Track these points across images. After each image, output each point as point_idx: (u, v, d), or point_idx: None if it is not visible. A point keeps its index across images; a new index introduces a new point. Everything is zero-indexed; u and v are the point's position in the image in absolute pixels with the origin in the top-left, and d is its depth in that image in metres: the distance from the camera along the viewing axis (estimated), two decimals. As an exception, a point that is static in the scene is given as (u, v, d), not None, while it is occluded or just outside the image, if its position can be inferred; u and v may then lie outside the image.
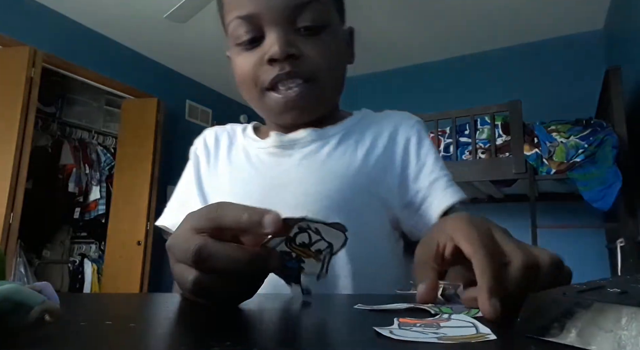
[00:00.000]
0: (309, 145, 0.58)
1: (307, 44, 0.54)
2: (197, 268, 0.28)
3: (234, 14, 0.55)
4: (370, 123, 0.62)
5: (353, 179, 0.55)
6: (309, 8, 0.54)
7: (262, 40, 0.55)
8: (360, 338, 0.22)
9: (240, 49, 0.57)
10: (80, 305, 0.33)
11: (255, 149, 0.62)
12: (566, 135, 2.32)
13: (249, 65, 0.56)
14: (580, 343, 0.18)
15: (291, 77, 0.54)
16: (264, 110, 0.59)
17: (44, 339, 0.20)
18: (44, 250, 3.73)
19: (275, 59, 0.53)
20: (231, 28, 0.56)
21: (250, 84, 0.57)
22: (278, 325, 0.26)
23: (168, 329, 0.23)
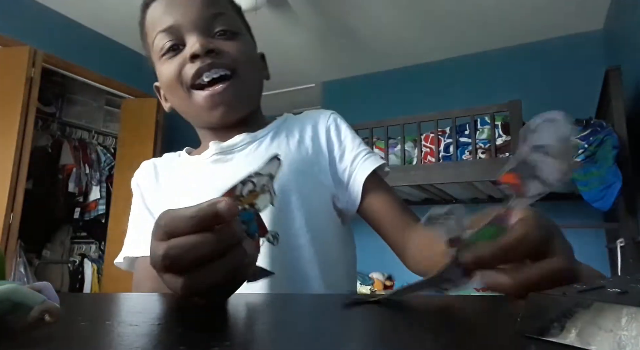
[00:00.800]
0: (246, 147, 0.64)
1: (223, 43, 0.61)
2: (176, 270, 0.30)
3: (156, 30, 0.62)
4: (294, 122, 0.69)
5: (292, 165, 0.61)
6: (221, 18, 0.62)
7: (183, 48, 0.61)
8: (360, 335, 0.22)
9: (165, 59, 0.62)
10: (80, 305, 0.33)
11: (195, 164, 0.67)
12: (566, 135, 2.31)
13: (173, 68, 0.61)
14: (580, 343, 0.18)
15: (213, 67, 0.59)
16: (194, 110, 0.62)
17: (44, 339, 0.20)
18: (44, 250, 3.73)
19: (197, 54, 0.58)
20: (155, 44, 0.62)
21: (176, 85, 0.61)
22: (278, 325, 0.26)
23: (168, 329, 0.23)
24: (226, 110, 0.61)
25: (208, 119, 0.63)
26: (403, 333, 0.23)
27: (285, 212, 0.58)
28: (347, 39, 3.56)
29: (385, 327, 0.26)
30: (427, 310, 0.31)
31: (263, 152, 0.63)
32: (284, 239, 0.56)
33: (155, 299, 0.38)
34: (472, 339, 0.22)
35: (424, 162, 2.72)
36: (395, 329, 0.25)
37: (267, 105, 3.22)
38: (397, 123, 2.81)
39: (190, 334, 0.22)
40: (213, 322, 0.26)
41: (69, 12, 3.20)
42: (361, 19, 3.28)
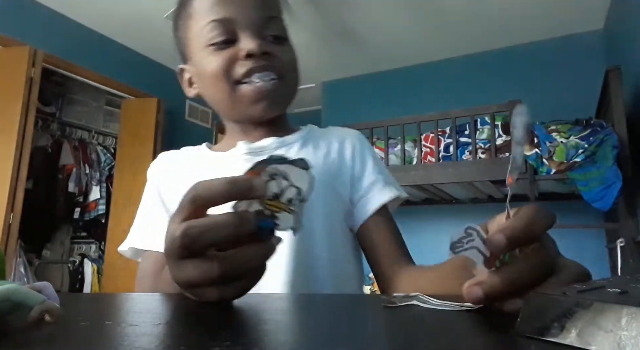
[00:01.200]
0: (275, 150, 0.65)
1: (275, 48, 0.61)
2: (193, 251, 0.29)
3: (208, 18, 0.60)
4: (320, 135, 0.71)
5: (321, 176, 0.63)
6: (275, 21, 0.63)
7: (234, 43, 0.60)
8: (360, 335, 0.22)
9: (213, 49, 0.61)
10: (80, 305, 0.33)
11: (223, 160, 0.67)
12: (566, 135, 2.32)
13: (222, 60, 0.60)
14: (580, 343, 0.18)
15: (266, 70, 0.60)
16: (234, 103, 0.63)
17: (44, 339, 0.20)
18: (44, 250, 3.73)
19: (252, 53, 0.58)
20: (205, 31, 0.61)
21: (221, 79, 0.60)
22: (278, 325, 0.26)
23: (168, 329, 0.23)
24: (269, 105, 0.62)
25: (248, 112, 0.63)
26: (402, 333, 0.23)
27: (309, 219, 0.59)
28: (347, 39, 3.56)
29: (384, 327, 0.26)
30: (427, 310, 0.31)
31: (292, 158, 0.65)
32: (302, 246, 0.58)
33: (155, 299, 0.38)
34: (472, 339, 0.22)
35: (424, 162, 2.72)
36: (395, 328, 0.25)
37: (267, 105, 3.11)
38: (397, 123, 2.81)
39: (190, 334, 0.22)
40: (213, 322, 0.26)
41: (69, 12, 3.20)
42: (361, 19, 3.28)
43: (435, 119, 2.70)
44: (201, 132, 4.46)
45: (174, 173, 0.69)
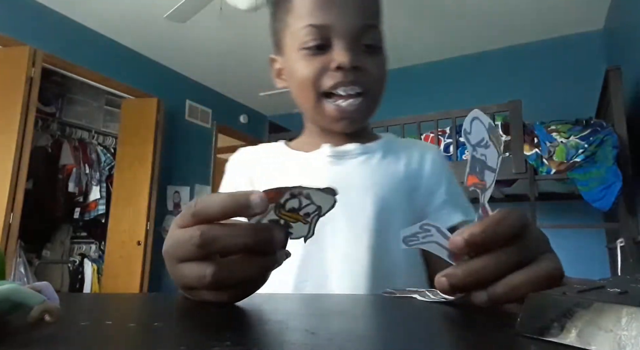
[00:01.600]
0: (358, 156, 0.66)
1: (367, 59, 0.61)
2: (206, 255, 0.29)
3: (306, 21, 0.60)
4: (401, 145, 0.71)
5: (399, 185, 0.64)
6: (371, 31, 0.61)
7: (327, 49, 0.60)
8: (359, 335, 0.22)
9: (305, 54, 0.61)
10: (80, 305, 0.33)
11: (306, 160, 0.68)
12: (566, 135, 2.32)
13: (312, 70, 0.60)
14: (580, 343, 0.18)
15: (352, 85, 0.59)
16: (318, 115, 0.64)
17: (44, 339, 0.20)
18: (44, 250, 3.73)
19: (342, 67, 0.58)
20: (300, 33, 0.60)
21: (309, 87, 0.61)
22: (278, 325, 0.26)
23: (168, 329, 0.23)
24: (349, 124, 0.63)
25: (330, 127, 0.65)
26: (402, 333, 0.23)
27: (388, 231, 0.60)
28: (347, 39, 3.56)
29: (382, 326, 0.26)
30: (427, 309, 0.31)
31: (375, 165, 0.66)
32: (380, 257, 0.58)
33: (156, 299, 0.38)
34: (472, 339, 0.22)
35: (424, 162, 2.72)
36: (394, 328, 0.25)
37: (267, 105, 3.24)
38: (397, 123, 2.81)
39: (190, 334, 0.22)
40: (213, 322, 0.26)
41: (69, 12, 3.20)
42: (361, 19, 3.28)
43: (435, 119, 2.70)
44: (201, 132, 4.46)
45: (262, 167, 0.70)
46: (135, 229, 3.43)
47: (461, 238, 0.27)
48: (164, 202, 3.91)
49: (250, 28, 3.31)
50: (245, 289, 0.31)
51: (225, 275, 0.29)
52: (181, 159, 4.13)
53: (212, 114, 4.59)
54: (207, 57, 3.93)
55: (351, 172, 0.64)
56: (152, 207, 3.50)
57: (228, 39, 3.54)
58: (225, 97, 4.82)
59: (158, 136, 3.62)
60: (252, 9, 2.62)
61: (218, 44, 3.66)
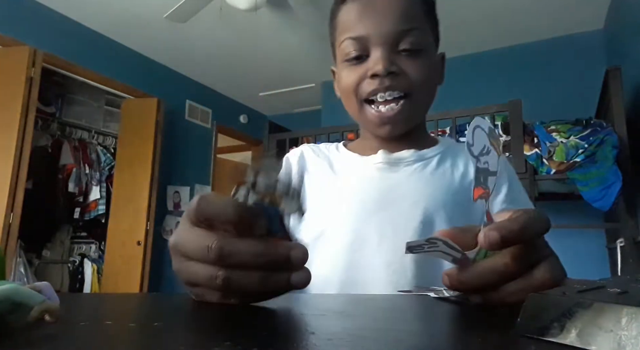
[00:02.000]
0: (413, 164, 0.66)
1: (406, 63, 0.62)
2: (220, 264, 0.28)
3: (346, 35, 0.63)
4: (458, 151, 0.70)
5: (453, 197, 0.63)
6: (411, 34, 0.62)
7: (367, 58, 0.63)
8: (357, 334, 0.22)
9: (347, 65, 0.64)
10: (80, 305, 0.33)
11: (360, 165, 0.68)
12: (566, 135, 2.32)
13: (352, 79, 0.63)
14: (580, 343, 0.18)
15: (389, 90, 0.61)
16: (362, 121, 0.67)
17: (44, 339, 0.20)
18: (44, 250, 3.73)
19: (377, 74, 0.60)
20: (342, 46, 0.64)
21: (351, 95, 0.64)
22: (278, 325, 0.26)
23: (168, 329, 0.23)
24: (392, 129, 0.64)
25: (374, 132, 0.67)
26: (402, 333, 0.23)
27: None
28: (347, 39, 3.56)
29: (383, 327, 0.26)
30: (427, 309, 0.31)
31: (428, 174, 0.65)
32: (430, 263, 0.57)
33: (156, 299, 0.38)
34: (472, 338, 0.22)
35: (424, 162, 2.72)
36: (394, 328, 0.25)
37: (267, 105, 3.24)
38: (397, 123, 2.81)
39: (190, 334, 0.22)
40: (213, 322, 0.26)
41: (69, 12, 3.20)
42: (361, 19, 3.28)
43: (435, 119, 2.70)
44: (201, 132, 4.46)
45: (316, 166, 0.71)
46: (135, 229, 3.43)
47: (497, 233, 0.27)
48: (164, 202, 3.91)
49: (250, 28, 3.31)
50: (256, 299, 0.31)
51: (236, 285, 0.28)
52: (181, 159, 4.13)
53: (212, 114, 4.59)
54: (207, 57, 3.93)
55: (403, 182, 0.64)
56: (152, 207, 3.50)
57: (228, 39, 3.54)
58: (225, 97, 4.82)
59: (158, 136, 3.62)
60: (252, 9, 2.62)
61: (218, 44, 3.66)
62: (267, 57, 3.81)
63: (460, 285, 0.29)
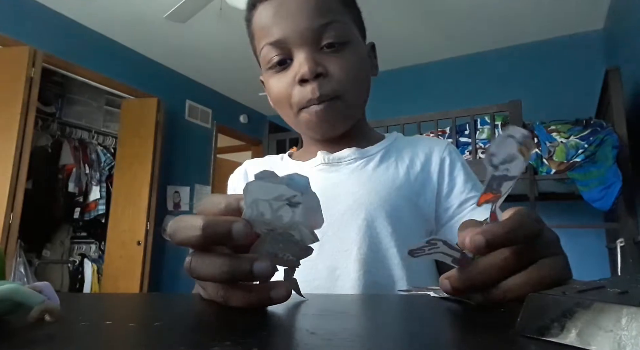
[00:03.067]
0: (354, 162, 0.64)
1: (331, 61, 0.58)
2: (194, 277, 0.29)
3: (264, 42, 0.60)
4: (405, 145, 0.68)
5: (398, 191, 0.60)
6: (331, 27, 0.58)
7: (291, 63, 0.59)
8: (357, 334, 0.22)
9: (273, 72, 0.61)
10: (80, 305, 0.33)
11: (302, 170, 0.65)
12: (566, 135, 2.32)
13: (282, 87, 0.60)
14: (580, 343, 0.18)
15: (321, 99, 0.58)
16: (300, 127, 0.64)
17: (44, 339, 0.20)
18: (44, 250, 3.73)
19: (304, 79, 0.57)
20: (263, 54, 0.61)
21: (285, 104, 0.61)
22: (278, 325, 0.26)
23: (168, 328, 0.23)
24: (328, 128, 0.62)
25: (314, 135, 0.65)
26: (402, 333, 0.23)
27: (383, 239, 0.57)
28: (347, 39, 3.56)
29: (383, 327, 0.26)
30: (427, 309, 0.31)
31: (370, 171, 0.63)
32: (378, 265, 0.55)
33: (156, 299, 0.38)
34: (472, 339, 0.22)
35: (424, 162, 2.72)
36: (394, 328, 0.25)
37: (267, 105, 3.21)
38: (397, 123, 2.81)
39: (190, 334, 0.22)
40: (213, 322, 0.26)
41: (69, 12, 3.20)
42: (361, 19, 3.28)
43: (435, 119, 2.70)
44: (201, 132, 4.46)
45: None
46: (135, 229, 3.43)
47: (483, 238, 0.27)
48: (164, 202, 3.91)
49: (250, 28, 3.31)
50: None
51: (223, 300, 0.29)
52: (181, 159, 4.13)
53: (212, 114, 4.59)
54: (207, 57, 3.93)
55: (343, 181, 0.62)
56: (152, 207, 3.50)
57: (228, 39, 3.54)
58: (225, 97, 4.82)
59: (158, 136, 3.62)
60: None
61: (218, 44, 3.66)
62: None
63: (461, 284, 0.29)
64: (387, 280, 0.56)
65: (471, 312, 0.28)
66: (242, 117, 5.03)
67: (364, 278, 0.54)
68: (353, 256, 0.55)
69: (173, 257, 3.84)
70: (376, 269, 0.55)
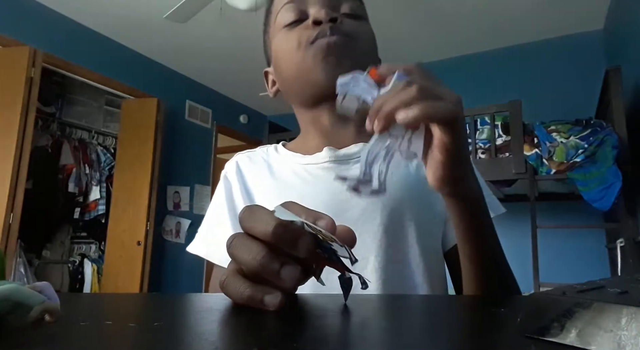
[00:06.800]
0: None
1: (348, 22, 0.58)
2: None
3: (282, 3, 0.60)
4: None
5: (411, 192, 0.57)
6: (349, 0, 0.60)
7: (306, 21, 0.58)
8: (356, 334, 0.22)
9: (286, 30, 0.60)
10: (80, 305, 0.33)
11: (301, 165, 0.62)
12: (566, 135, 2.32)
13: (293, 35, 0.58)
14: (580, 343, 0.18)
15: (334, 33, 0.56)
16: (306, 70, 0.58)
17: (44, 339, 0.20)
18: (44, 250, 3.73)
19: (319, 20, 0.56)
20: (279, 17, 0.60)
21: (294, 48, 0.58)
22: (278, 325, 0.26)
23: (168, 328, 0.23)
24: (337, 61, 0.56)
25: (320, 75, 0.57)
26: (402, 332, 0.23)
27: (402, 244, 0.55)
28: (347, 39, 3.56)
29: (383, 327, 0.26)
30: (427, 309, 0.31)
31: None
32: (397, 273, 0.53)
33: (156, 299, 0.38)
34: (472, 339, 0.22)
35: (424, 162, 2.72)
36: (394, 328, 0.25)
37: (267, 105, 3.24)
38: (397, 123, 2.81)
39: (190, 334, 0.22)
40: (213, 322, 0.26)
41: (69, 12, 3.20)
42: (361, 19, 3.28)
43: (435, 119, 2.69)
44: (201, 132, 4.46)
45: (256, 173, 0.65)
46: (135, 229, 3.43)
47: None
48: (164, 202, 3.90)
49: (250, 28, 3.30)
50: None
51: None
52: (181, 159, 4.13)
53: (212, 114, 4.59)
54: (207, 57, 3.93)
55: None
56: (152, 207, 3.50)
57: (228, 39, 3.54)
58: (225, 97, 4.82)
59: (158, 136, 3.62)
60: (252, 9, 2.62)
61: (218, 44, 3.66)
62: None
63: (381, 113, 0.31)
64: (407, 288, 0.54)
65: (471, 312, 0.28)
66: (242, 117, 5.03)
67: (383, 288, 0.52)
68: (370, 266, 0.53)
69: (173, 258, 3.84)
70: (395, 277, 0.53)
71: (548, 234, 2.64)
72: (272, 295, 0.28)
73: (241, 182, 0.64)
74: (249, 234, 0.30)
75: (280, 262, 0.28)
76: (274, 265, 0.28)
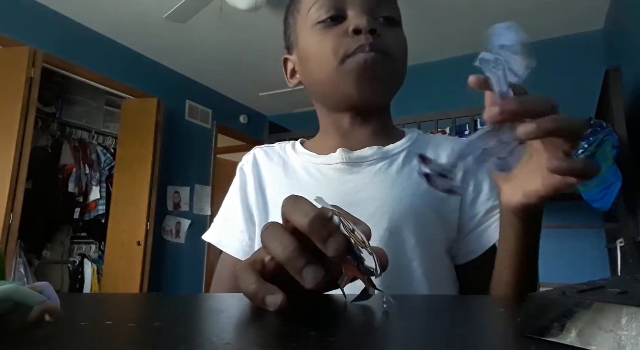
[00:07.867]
0: (376, 163, 0.60)
1: (385, 30, 0.57)
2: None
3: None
4: (426, 144, 0.64)
5: (422, 198, 0.56)
6: (388, 3, 0.59)
7: (342, 20, 0.57)
8: (356, 335, 0.22)
9: (320, 28, 0.58)
10: (80, 305, 0.33)
11: (315, 164, 0.62)
12: (566, 135, 2.32)
13: (329, 38, 0.57)
14: (580, 343, 0.18)
15: (372, 49, 0.55)
16: (339, 81, 0.57)
17: (44, 339, 0.20)
18: (44, 251, 3.73)
19: (360, 29, 0.54)
20: (312, 12, 0.58)
21: (328, 57, 0.57)
22: (278, 325, 0.26)
23: (168, 328, 0.23)
24: (372, 80, 0.56)
25: (353, 90, 0.57)
26: (403, 333, 0.23)
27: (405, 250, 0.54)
28: (347, 39, 3.56)
29: (383, 327, 0.26)
30: (427, 310, 0.31)
31: (394, 175, 0.59)
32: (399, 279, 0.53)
33: (156, 299, 0.38)
34: (472, 338, 0.22)
35: (424, 162, 2.72)
36: (395, 328, 0.25)
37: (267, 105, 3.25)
38: (397, 123, 2.81)
39: (190, 333, 0.22)
40: (213, 322, 0.26)
41: (69, 12, 3.20)
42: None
43: (435, 119, 2.70)
44: (201, 132, 4.46)
45: (271, 169, 0.65)
46: (135, 229, 3.43)
47: (497, 108, 0.31)
48: (164, 202, 3.90)
49: (250, 28, 3.31)
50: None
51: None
52: (181, 159, 4.13)
53: (212, 114, 4.58)
54: (207, 57, 3.93)
55: (366, 185, 0.58)
56: (152, 207, 3.50)
57: (228, 39, 3.54)
58: (225, 97, 4.81)
59: (158, 136, 3.62)
60: (252, 9, 2.62)
61: (218, 44, 3.66)
62: (267, 57, 3.80)
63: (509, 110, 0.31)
64: (409, 288, 0.54)
65: (471, 312, 0.28)
66: (242, 117, 5.03)
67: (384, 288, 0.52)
68: None
69: (173, 258, 3.84)
70: (397, 284, 0.52)
71: (548, 233, 2.63)
72: (273, 295, 0.28)
73: (256, 175, 0.66)
74: (286, 222, 0.30)
75: (307, 260, 0.28)
76: (299, 262, 0.28)
